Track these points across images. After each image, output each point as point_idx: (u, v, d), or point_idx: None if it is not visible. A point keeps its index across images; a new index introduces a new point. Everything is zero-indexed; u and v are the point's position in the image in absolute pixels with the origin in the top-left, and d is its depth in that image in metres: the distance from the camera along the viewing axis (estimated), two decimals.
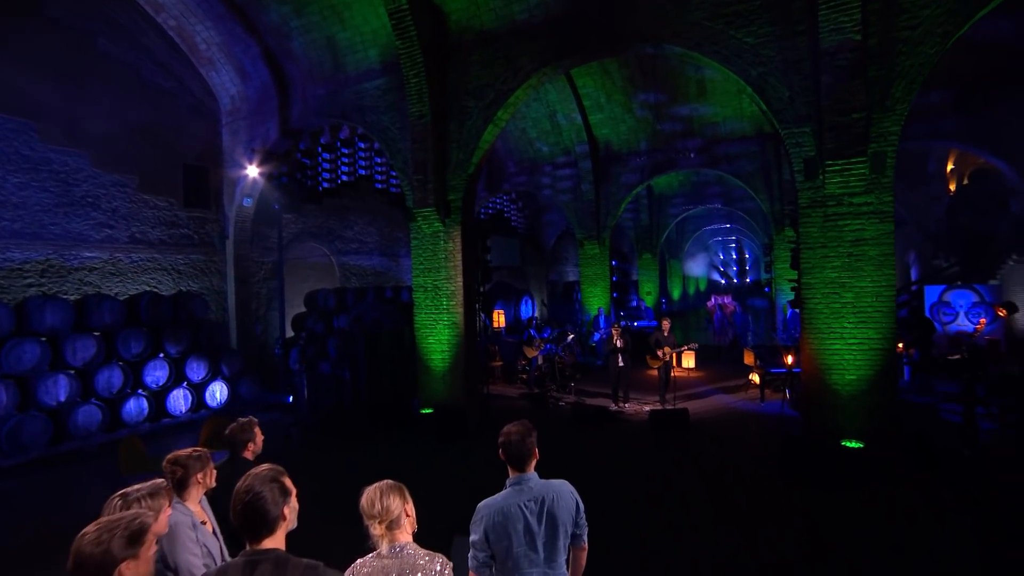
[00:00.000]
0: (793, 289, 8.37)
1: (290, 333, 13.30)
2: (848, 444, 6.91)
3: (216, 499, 3.17)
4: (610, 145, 17.04)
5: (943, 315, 14.89)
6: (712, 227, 28.57)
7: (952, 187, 17.68)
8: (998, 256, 15.35)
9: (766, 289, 16.29)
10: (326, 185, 14.89)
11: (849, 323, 7.16)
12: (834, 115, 6.89)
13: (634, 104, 15.61)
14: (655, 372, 10.89)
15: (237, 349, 12.70)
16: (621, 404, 10.85)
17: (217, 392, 11.19)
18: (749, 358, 11.77)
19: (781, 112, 7.45)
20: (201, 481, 2.87)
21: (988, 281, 15.38)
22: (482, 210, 21.52)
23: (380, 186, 16.10)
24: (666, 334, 10.62)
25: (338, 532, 6.71)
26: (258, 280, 13.11)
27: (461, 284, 9.86)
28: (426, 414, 9.66)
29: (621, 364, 10.69)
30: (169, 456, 2.87)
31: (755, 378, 11.56)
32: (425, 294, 10.09)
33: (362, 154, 15.30)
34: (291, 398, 10.99)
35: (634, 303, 23.10)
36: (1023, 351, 13.35)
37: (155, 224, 11.93)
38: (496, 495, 2.66)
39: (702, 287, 34.10)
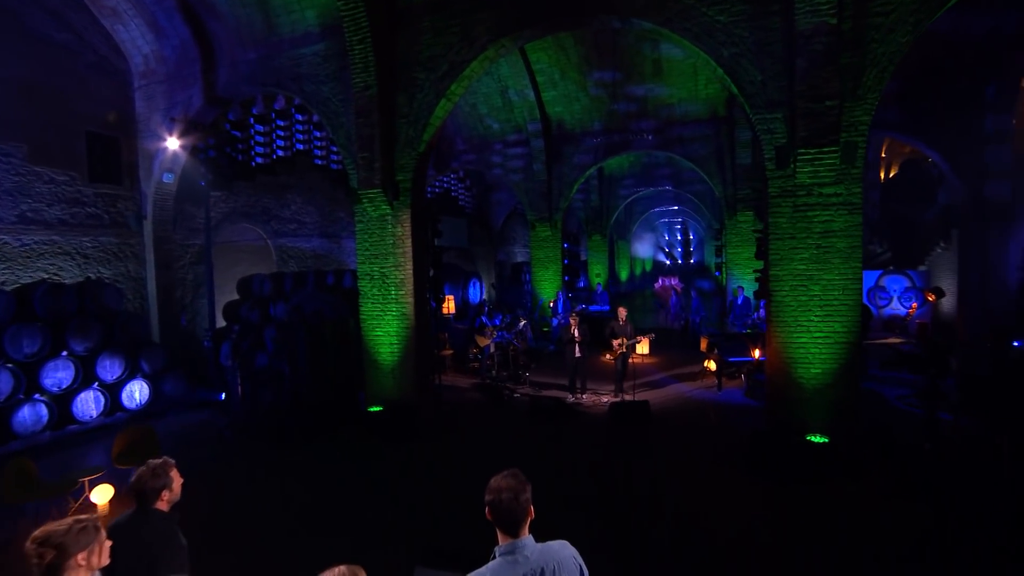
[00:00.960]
0: (758, 280, 8.23)
1: (222, 323, 12.20)
2: (813, 439, 6.85)
3: (118, 571, 2.49)
4: (563, 124, 16.55)
5: (879, 299, 15.49)
6: (660, 208, 28.82)
7: (883, 175, 18.36)
8: (927, 243, 16.08)
9: (716, 273, 16.41)
10: (260, 161, 13.66)
11: (816, 316, 7.06)
12: (807, 101, 6.65)
13: (589, 82, 15.14)
14: (611, 361, 10.65)
15: (160, 343, 11.51)
16: (579, 395, 10.57)
17: (136, 392, 10.06)
18: (705, 346, 11.74)
19: (753, 97, 7.15)
20: (84, 564, 2.14)
21: (918, 267, 16.11)
22: (429, 189, 20.64)
23: (320, 162, 14.98)
24: (622, 323, 10.37)
25: (279, 544, 6.11)
26: (183, 265, 11.87)
27: (411, 272, 9.18)
28: (374, 412, 9.01)
29: (579, 355, 10.37)
30: (36, 534, 2.10)
31: (711, 365, 11.56)
32: (372, 282, 9.36)
33: (300, 127, 14.12)
34: (224, 395, 10.04)
35: (581, 284, 22.99)
36: (949, 333, 14.06)
37: (52, 201, 10.46)
38: (482, 569, 2.15)
39: (648, 268, 34.64)
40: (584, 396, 10.58)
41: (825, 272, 6.99)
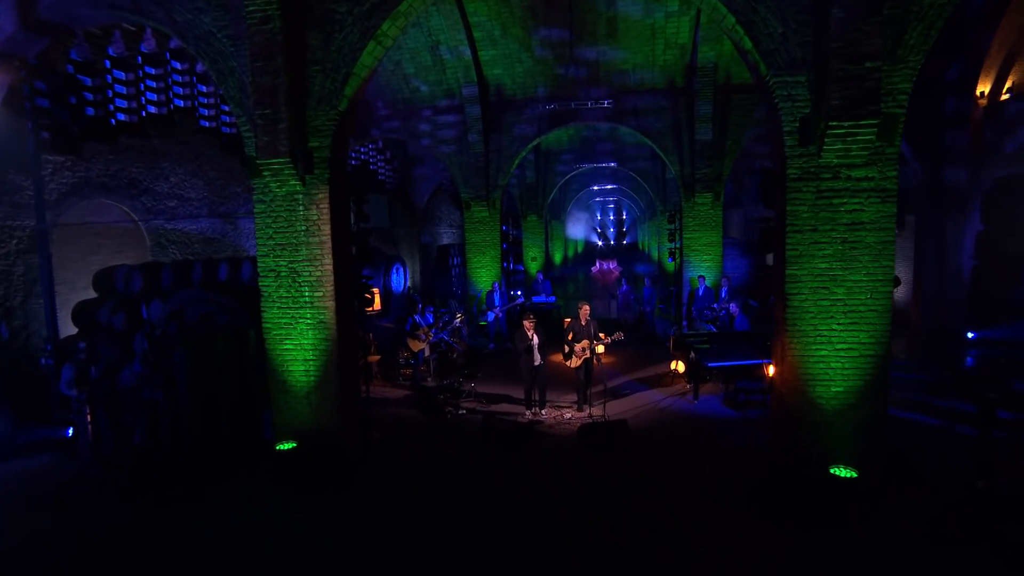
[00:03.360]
0: (773, 281, 7.15)
1: (71, 330, 9.66)
2: (837, 472, 5.88)
3: None
4: (503, 89, 14.91)
5: None
6: (597, 186, 28.00)
7: None
8: None
9: (670, 259, 15.61)
10: (123, 117, 11.00)
11: (839, 324, 6.07)
12: (843, 62, 5.51)
13: (534, 41, 13.57)
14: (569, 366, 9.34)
15: None
16: (537, 411, 9.21)
17: None
18: (679, 349, 10.69)
19: (771, 54, 5.93)
20: None
21: None
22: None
23: (208, 124, 12.46)
24: (584, 323, 9.09)
25: None
26: (8, 254, 9.15)
27: (331, 267, 7.33)
28: (285, 450, 7.16)
29: (537, 363, 8.99)
30: None
31: (679, 367, 10.60)
32: (278, 281, 7.40)
33: (178, 78, 11.55)
34: (71, 431, 7.75)
35: (519, 268, 21.68)
36: (903, 323, 14.07)
37: None
38: None
39: (580, 250, 33.94)
40: (544, 412, 9.24)
41: (851, 272, 5.99)
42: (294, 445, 7.22)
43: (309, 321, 7.40)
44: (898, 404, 8.04)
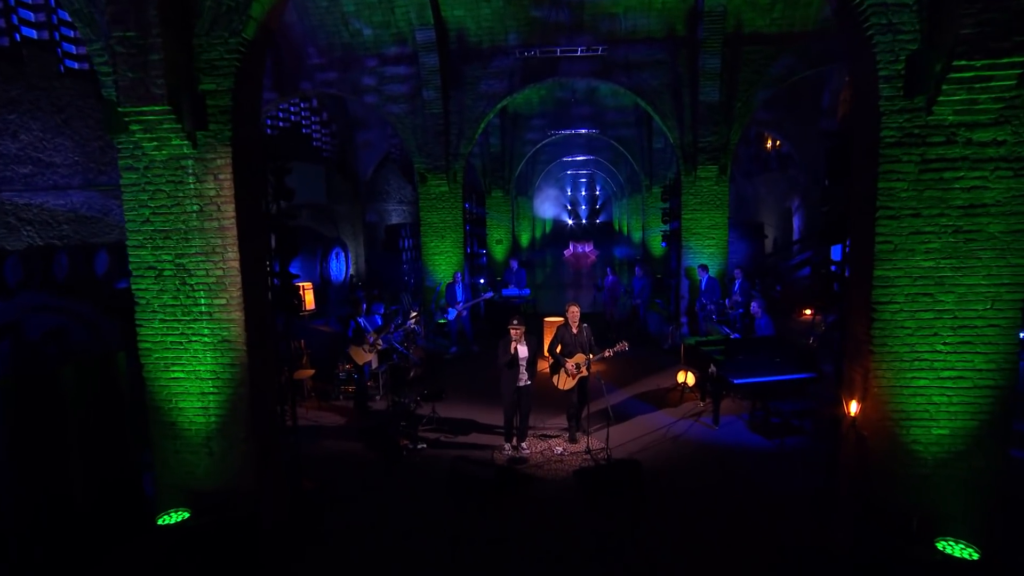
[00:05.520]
0: (846, 285, 5.94)
1: None
2: (949, 549, 4.69)
3: None
4: (466, 35, 13.24)
5: None
6: (569, 157, 26.55)
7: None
8: None
9: (663, 244, 14.40)
10: None
11: (945, 345, 4.85)
12: None
13: None
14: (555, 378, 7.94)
15: None
16: (519, 445, 7.79)
17: None
18: (691, 359, 9.39)
19: None
20: None
21: None
22: (268, 122, 16.35)
23: (76, 65, 10.37)
24: (575, 331, 7.69)
25: None
26: None
27: (237, 264, 5.66)
28: (172, 525, 5.50)
29: (522, 382, 7.55)
30: None
31: (688, 379, 9.38)
32: (160, 283, 5.69)
33: (27, 1, 9.42)
34: None
35: (482, 253, 20.13)
36: None
37: None
38: None
39: (548, 230, 32.50)
40: (526, 446, 7.83)
41: (965, 273, 4.75)
42: (186, 515, 5.57)
43: (207, 340, 5.73)
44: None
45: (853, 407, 5.00)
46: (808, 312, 14.03)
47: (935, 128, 4.65)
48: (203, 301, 5.69)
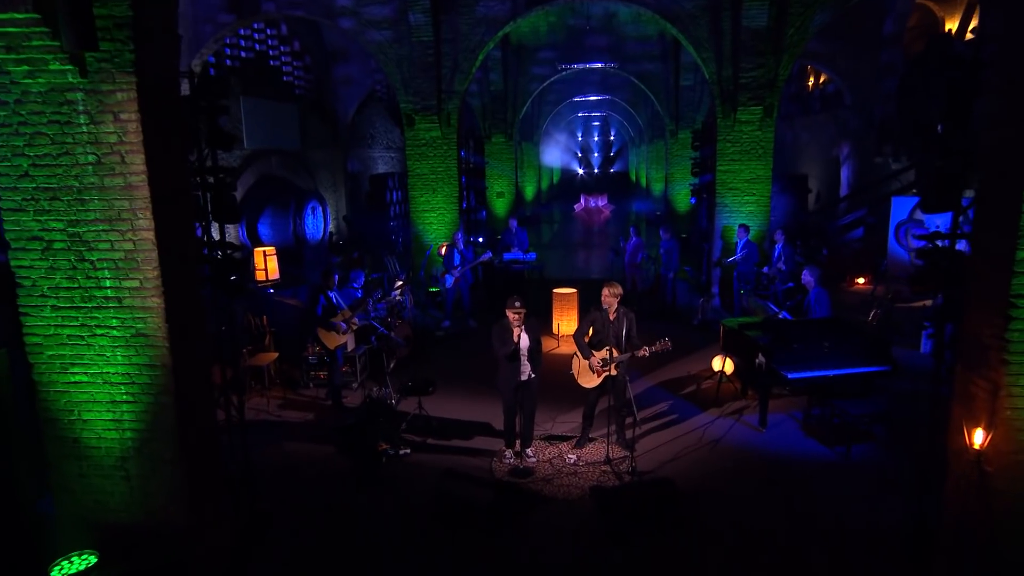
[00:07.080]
0: (966, 265, 4.88)
1: None
2: None
3: None
4: None
5: (912, 239, 13.28)
6: (580, 97, 24.99)
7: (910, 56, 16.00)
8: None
9: (691, 200, 13.23)
10: None
11: None
12: None
13: None
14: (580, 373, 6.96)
15: None
16: (522, 450, 6.85)
17: None
18: (732, 343, 8.33)
19: None
20: None
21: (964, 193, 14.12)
22: (228, 51, 14.98)
23: None
24: (612, 316, 6.63)
25: None
26: None
27: (151, 233, 4.60)
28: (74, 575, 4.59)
29: (524, 376, 6.55)
30: None
31: (727, 366, 8.39)
32: (49, 259, 4.64)
33: None
34: None
35: (481, 213, 18.99)
36: None
37: None
38: None
39: (555, 181, 30.98)
40: (530, 452, 6.88)
41: None
42: (92, 561, 4.64)
43: (116, 333, 4.71)
44: None
45: (979, 436, 3.97)
46: (861, 281, 12.97)
47: None
48: (108, 283, 4.65)
